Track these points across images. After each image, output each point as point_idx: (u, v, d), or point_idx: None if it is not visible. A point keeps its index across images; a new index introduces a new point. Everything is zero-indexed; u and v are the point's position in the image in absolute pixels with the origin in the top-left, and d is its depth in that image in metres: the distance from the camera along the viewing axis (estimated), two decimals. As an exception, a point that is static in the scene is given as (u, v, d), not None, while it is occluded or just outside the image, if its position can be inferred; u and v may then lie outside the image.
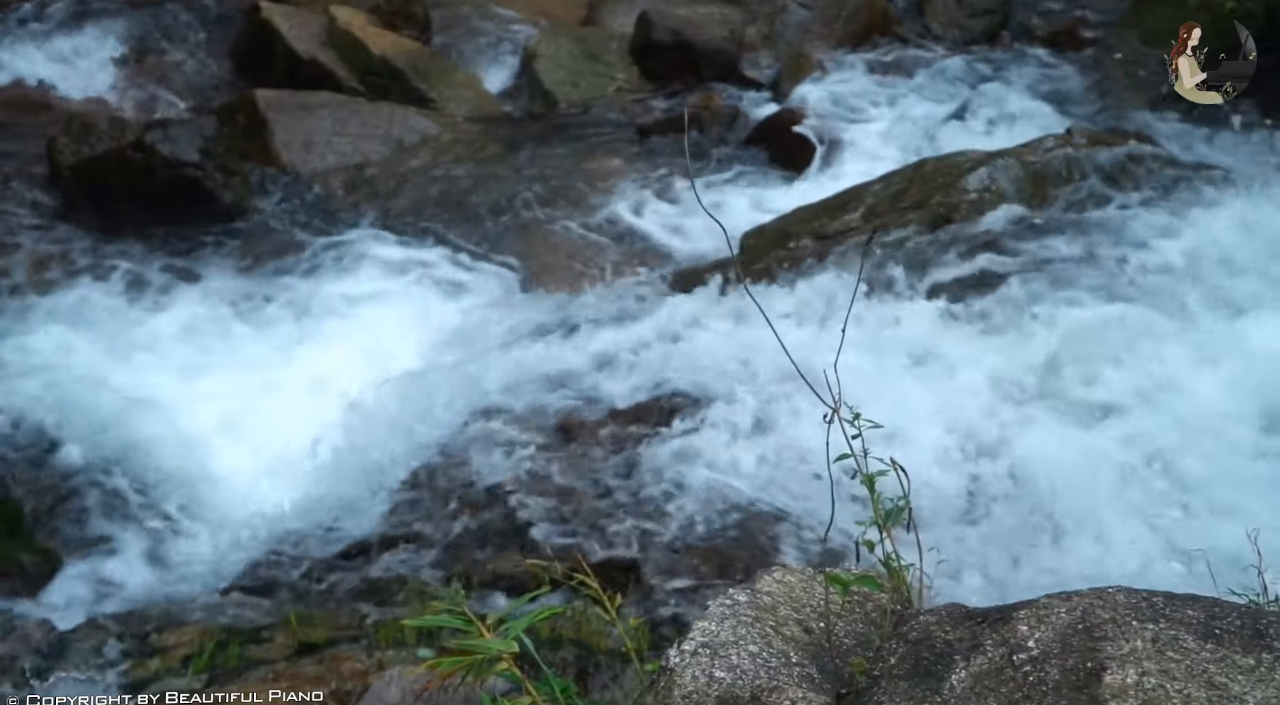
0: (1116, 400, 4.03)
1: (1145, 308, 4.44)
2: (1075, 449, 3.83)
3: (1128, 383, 4.09)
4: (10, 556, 4.14)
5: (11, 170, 6.49)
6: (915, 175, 5.55)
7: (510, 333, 5.27)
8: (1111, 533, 3.53)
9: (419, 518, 4.20)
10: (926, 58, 8.20)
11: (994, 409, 4.10)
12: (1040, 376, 4.18)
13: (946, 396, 4.16)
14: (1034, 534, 3.59)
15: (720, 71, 8.15)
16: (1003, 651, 1.59)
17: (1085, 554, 3.44)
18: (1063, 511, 3.60)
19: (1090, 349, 4.24)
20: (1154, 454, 3.83)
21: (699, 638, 1.86)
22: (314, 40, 7.88)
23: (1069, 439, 3.91)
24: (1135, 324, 4.34)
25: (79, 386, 5.11)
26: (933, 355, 4.36)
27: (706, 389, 4.46)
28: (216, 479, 4.71)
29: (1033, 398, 4.11)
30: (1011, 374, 4.23)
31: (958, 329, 4.47)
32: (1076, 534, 3.52)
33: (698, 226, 6.37)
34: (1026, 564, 3.50)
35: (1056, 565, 3.44)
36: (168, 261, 5.99)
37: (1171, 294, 4.52)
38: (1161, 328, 4.34)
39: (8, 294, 5.67)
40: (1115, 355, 4.20)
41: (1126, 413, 3.98)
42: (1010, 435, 3.97)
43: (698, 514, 3.93)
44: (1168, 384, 4.09)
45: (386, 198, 6.63)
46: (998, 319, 4.47)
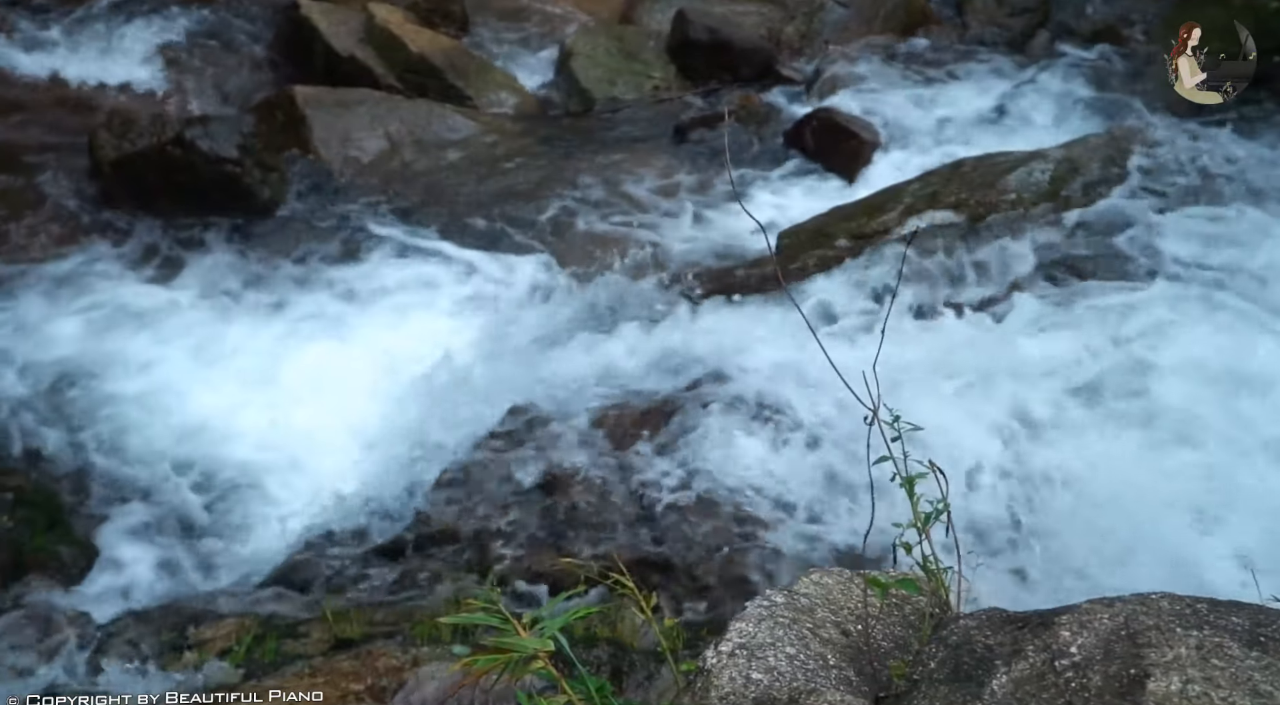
0: (1159, 404, 3.98)
1: (1190, 311, 4.39)
2: (1118, 453, 3.79)
3: (1172, 387, 4.04)
4: (49, 549, 4.18)
5: (54, 165, 6.55)
6: (953, 175, 5.51)
7: (545, 330, 5.27)
8: (1154, 538, 3.49)
9: (453, 515, 4.21)
10: (965, 56, 8.14)
11: (1034, 411, 4.06)
12: (1082, 379, 4.14)
13: (985, 398, 4.12)
14: (1074, 538, 3.55)
15: (757, 70, 8.13)
16: (1044, 657, 1.57)
17: (1126, 559, 3.40)
18: (1104, 516, 3.56)
19: (1133, 352, 4.19)
20: (1199, 459, 3.78)
21: (736, 639, 1.85)
22: (352, 37, 7.91)
23: (1111, 443, 3.86)
24: (1179, 327, 4.29)
25: (117, 380, 5.16)
26: (971, 356, 4.32)
27: (743, 389, 4.44)
28: (253, 473, 4.74)
29: (1074, 401, 4.06)
30: (1053, 376, 4.19)
31: (996, 330, 4.43)
32: (1118, 539, 3.48)
33: (734, 225, 6.35)
34: (1066, 568, 3.46)
35: (1096, 570, 3.40)
36: (205, 257, 6.02)
37: (1217, 298, 4.46)
38: (1207, 331, 4.29)
39: (47, 288, 5.72)
40: (1159, 359, 4.16)
41: (1170, 417, 3.93)
42: (1050, 438, 3.93)
43: (733, 514, 3.92)
44: (1213, 388, 4.04)
45: (423, 195, 6.65)
46: (1037, 321, 4.43)
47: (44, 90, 7.39)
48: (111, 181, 6.34)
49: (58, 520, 4.35)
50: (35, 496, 4.38)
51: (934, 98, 7.55)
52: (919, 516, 2.04)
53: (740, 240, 6.17)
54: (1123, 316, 4.37)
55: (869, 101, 7.53)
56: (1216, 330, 4.29)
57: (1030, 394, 4.12)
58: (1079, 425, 3.96)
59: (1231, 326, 4.33)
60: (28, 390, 5.06)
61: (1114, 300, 4.47)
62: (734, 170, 6.86)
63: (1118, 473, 3.72)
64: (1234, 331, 4.33)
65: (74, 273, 5.85)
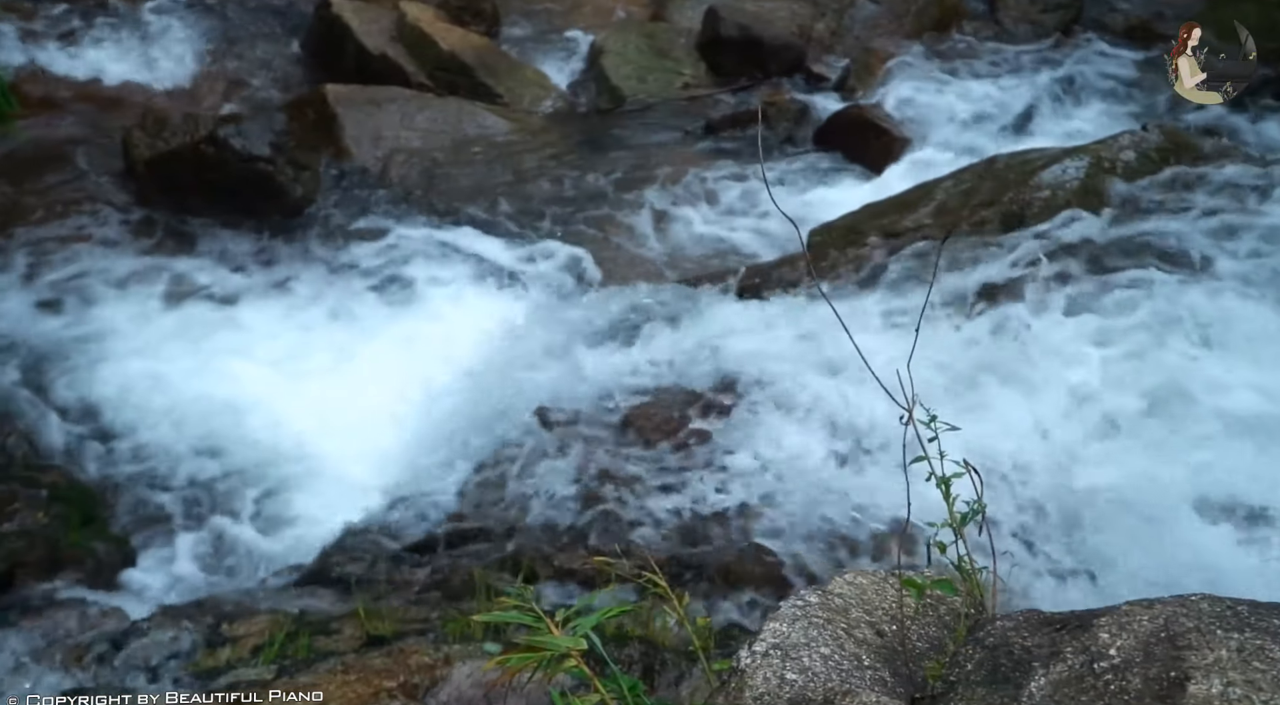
0: (1201, 405, 3.93)
1: (1233, 311, 4.32)
2: (1157, 455, 3.74)
3: (1214, 388, 3.99)
4: (84, 544, 4.21)
5: (88, 163, 6.61)
6: (986, 172, 5.48)
7: (576, 327, 5.27)
8: (1193, 540, 3.45)
9: (485, 512, 4.21)
10: (997, 53, 8.11)
11: (1069, 411, 4.02)
12: (1118, 378, 4.10)
13: (1018, 397, 4.09)
14: (1110, 539, 3.51)
15: (788, 67, 8.12)
16: (1083, 659, 1.56)
17: (1164, 561, 3.35)
18: (1141, 517, 3.52)
19: (1172, 351, 4.15)
20: (1242, 462, 3.73)
21: (770, 639, 1.85)
22: (383, 36, 7.94)
23: (1151, 444, 3.81)
24: (1221, 327, 4.24)
25: (152, 377, 5.20)
26: (1005, 356, 4.28)
27: (774, 387, 4.43)
28: (285, 470, 4.76)
29: (1111, 400, 4.02)
30: (1089, 376, 4.14)
31: (1029, 329, 4.39)
32: (1155, 540, 3.44)
33: (764, 223, 6.35)
34: (1102, 570, 3.43)
35: (1133, 572, 3.36)
36: (238, 254, 6.06)
37: (1261, 297, 4.40)
38: (1246, 329, 4.24)
39: (82, 285, 5.77)
40: (1198, 358, 4.11)
41: (1211, 417, 3.88)
42: (1086, 439, 3.89)
43: (764, 513, 3.90)
44: (1256, 388, 3.98)
45: (454, 192, 6.67)
46: (1072, 320, 4.38)
47: (79, 89, 7.46)
48: (145, 180, 6.38)
49: (93, 516, 4.38)
50: (70, 493, 4.41)
51: (966, 94, 7.51)
52: (955, 517, 2.03)
53: (771, 237, 6.16)
54: (1161, 317, 4.31)
55: (900, 98, 7.51)
56: (1261, 331, 4.23)
57: (1065, 394, 4.08)
58: (1116, 425, 3.91)
59: (1277, 327, 4.27)
60: (63, 386, 5.10)
61: (1152, 300, 4.41)
62: (766, 167, 6.84)
63: (1156, 474, 3.67)
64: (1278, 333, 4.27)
65: (108, 270, 5.89)
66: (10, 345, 5.27)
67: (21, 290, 5.66)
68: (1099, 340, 4.28)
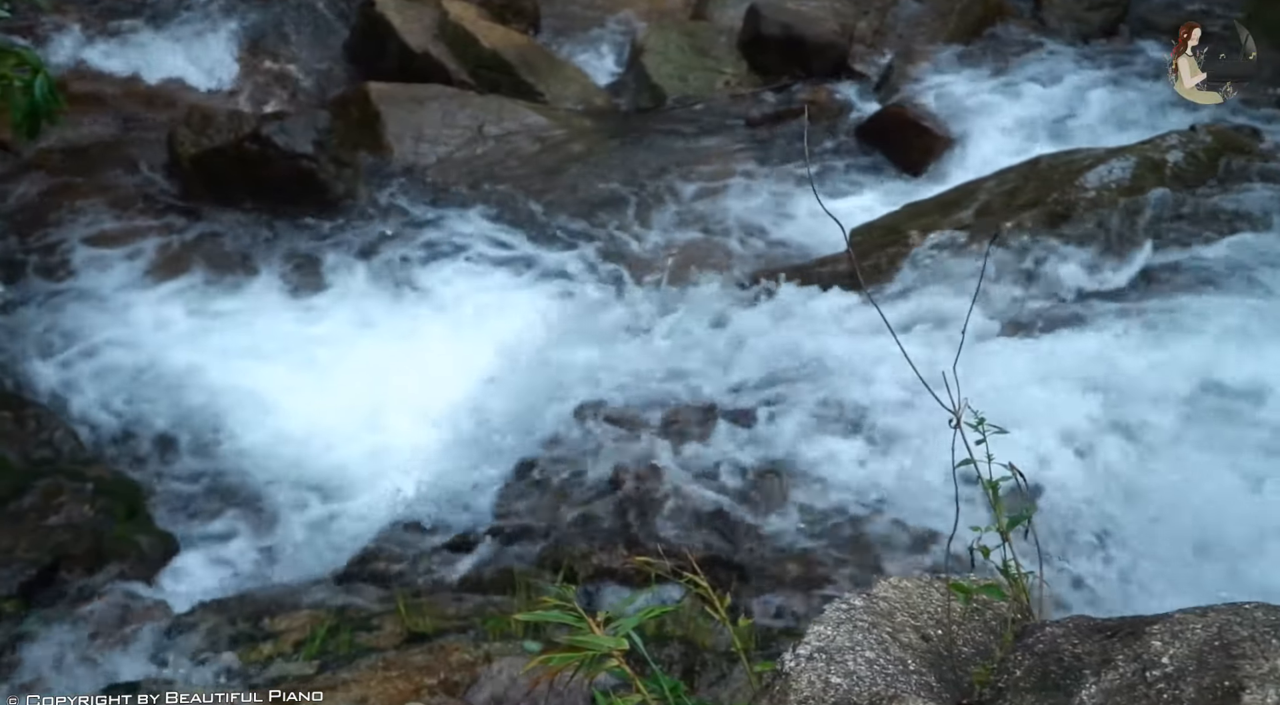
0: (1252, 411, 3.88)
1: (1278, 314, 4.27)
2: (1208, 461, 3.69)
3: (1264, 393, 3.93)
4: (129, 538, 4.25)
5: (135, 160, 6.67)
6: (1031, 172, 5.42)
7: (616, 326, 5.27)
8: (1245, 547, 3.40)
9: (525, 510, 4.22)
10: (1042, 52, 8.02)
11: (1117, 416, 3.96)
12: (1164, 384, 4.04)
13: (1065, 401, 4.04)
14: (1158, 546, 3.47)
15: (830, 66, 8.07)
16: (1135, 667, 1.54)
17: (1215, 568, 3.31)
18: (1190, 523, 3.47)
19: (1220, 357, 4.09)
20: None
21: (815, 642, 1.83)
22: (426, 34, 7.96)
23: (1201, 450, 3.76)
24: (1268, 331, 4.18)
25: (193, 372, 5.24)
26: (1049, 359, 4.24)
27: (816, 387, 4.40)
28: (326, 465, 4.78)
29: (1158, 406, 3.96)
30: (1134, 379, 4.09)
31: (1074, 332, 4.35)
32: (1206, 547, 3.39)
33: (805, 221, 6.31)
34: (1150, 576, 3.38)
35: (1183, 579, 3.31)
36: (281, 251, 6.10)
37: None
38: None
39: (128, 280, 5.83)
40: (1247, 364, 4.05)
41: (1263, 421, 3.83)
42: (1134, 444, 3.83)
43: (805, 514, 3.89)
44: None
45: (495, 190, 6.68)
46: (1118, 323, 4.33)
47: (125, 86, 7.53)
48: (191, 176, 6.45)
49: (137, 510, 4.42)
50: (115, 486, 4.45)
51: (1009, 93, 7.44)
52: (1002, 521, 2.01)
53: (812, 236, 6.12)
54: (1209, 321, 4.26)
55: (942, 97, 7.44)
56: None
57: (1111, 398, 4.03)
58: (1164, 431, 3.85)
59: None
60: (108, 380, 5.15)
61: (1200, 304, 4.36)
62: (806, 166, 6.81)
63: (1207, 481, 3.62)
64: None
65: (154, 265, 5.95)
66: (56, 339, 5.34)
67: (68, 284, 5.73)
68: (1145, 344, 4.23)
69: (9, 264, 5.77)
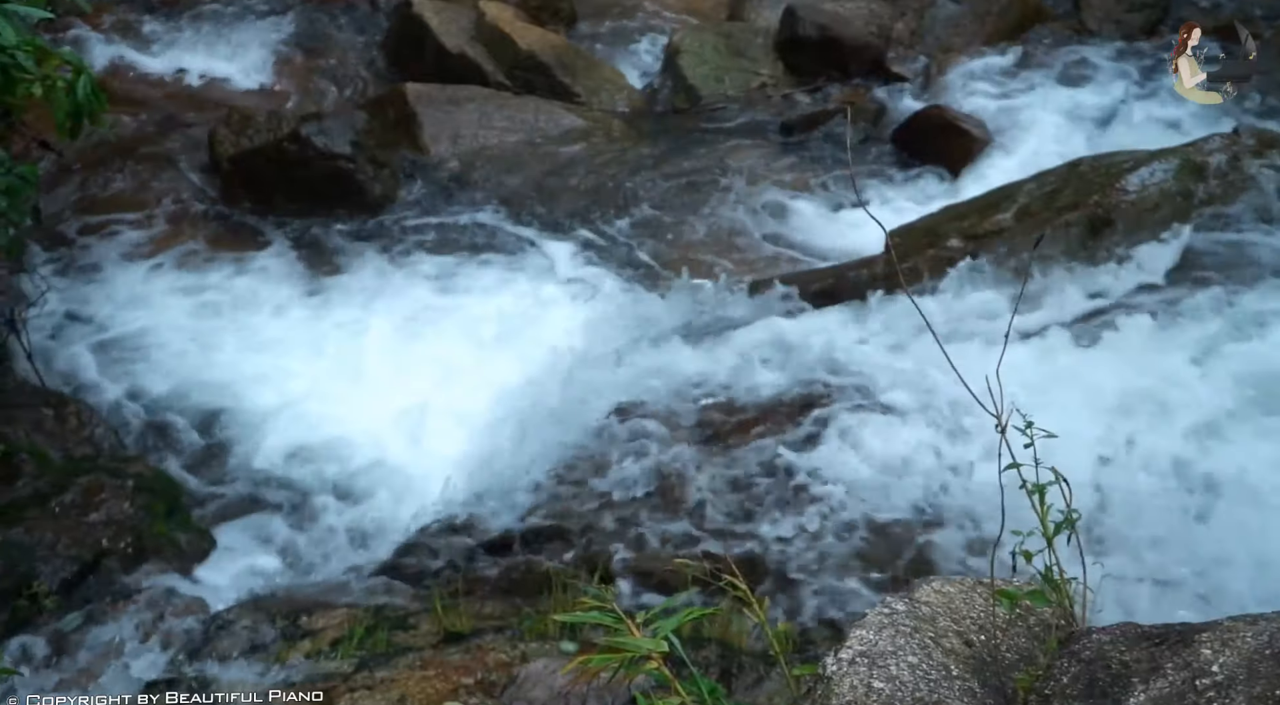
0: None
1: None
2: (1257, 461, 3.64)
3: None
4: (168, 535, 4.28)
5: (175, 160, 6.73)
6: (1070, 174, 5.37)
7: (652, 327, 5.26)
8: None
9: (560, 511, 4.22)
10: (1081, 53, 7.95)
11: (1162, 416, 3.91)
12: (1207, 388, 3.99)
13: (1107, 406, 3.99)
14: (1205, 551, 3.42)
15: (867, 67, 8.03)
16: (1184, 676, 1.52)
17: (1266, 575, 3.26)
18: (1239, 528, 3.42)
19: (1264, 360, 4.03)
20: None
21: (857, 646, 1.82)
22: (463, 35, 7.99)
23: (1248, 449, 3.71)
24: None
25: (232, 370, 5.28)
26: (1090, 363, 4.20)
27: (852, 390, 4.38)
28: (363, 465, 4.81)
29: (1203, 410, 3.91)
30: (1180, 380, 4.04)
31: (1117, 335, 4.30)
32: (1255, 553, 3.35)
33: (841, 224, 6.30)
34: (1196, 583, 3.34)
35: (1232, 585, 3.28)
36: (318, 250, 6.14)
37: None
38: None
39: (167, 279, 5.88)
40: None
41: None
42: (1177, 448, 3.79)
43: (842, 518, 3.86)
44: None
45: (530, 191, 6.69)
46: (1161, 326, 4.28)
47: (165, 86, 7.60)
48: (230, 176, 6.50)
49: (177, 507, 4.45)
50: (155, 483, 4.48)
51: (1048, 95, 7.38)
52: (1047, 526, 1.99)
53: (848, 238, 6.10)
54: (1254, 323, 4.21)
55: (980, 99, 7.39)
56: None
57: (1156, 399, 3.99)
58: (1211, 432, 3.80)
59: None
60: (148, 378, 5.20)
61: (1245, 306, 4.30)
62: (841, 167, 6.79)
63: (1258, 484, 3.58)
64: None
65: (192, 263, 6.01)
66: (97, 336, 5.39)
67: (108, 282, 5.79)
68: (1188, 347, 4.18)
69: (51, 262, 5.83)
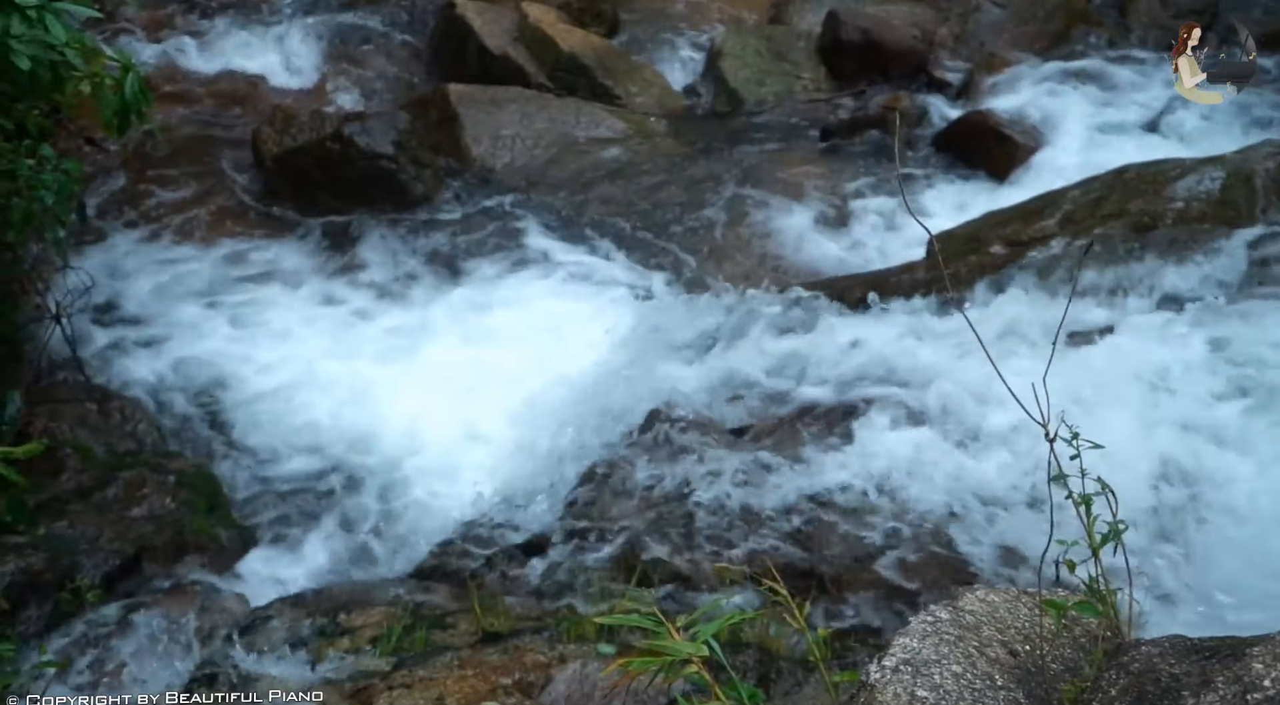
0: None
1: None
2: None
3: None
4: (209, 531, 4.32)
5: (219, 158, 6.80)
6: (1116, 181, 5.31)
7: (692, 330, 5.24)
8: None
9: (598, 513, 4.21)
10: (1126, 59, 7.88)
11: (1212, 425, 3.85)
12: (1260, 399, 3.94)
13: (1154, 416, 3.94)
14: (1256, 562, 3.38)
15: (909, 72, 7.99)
16: (1235, 690, 1.50)
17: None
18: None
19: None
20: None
21: (900, 654, 1.82)
22: (505, 36, 8.01)
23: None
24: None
25: (274, 368, 5.32)
26: (1139, 372, 4.14)
27: (893, 397, 4.35)
28: (401, 464, 4.83)
29: (1253, 421, 3.85)
30: (1227, 395, 3.99)
31: (1164, 344, 4.24)
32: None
33: (882, 229, 6.27)
34: (1244, 595, 3.29)
35: (1272, 599, 3.23)
36: (361, 250, 6.17)
37: None
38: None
39: (210, 276, 5.93)
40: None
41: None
42: (1226, 460, 3.73)
43: (884, 523, 3.84)
44: None
45: (571, 193, 6.70)
46: (1210, 336, 4.21)
47: (210, 85, 7.66)
48: (273, 175, 6.55)
49: (217, 503, 4.49)
50: (196, 479, 4.53)
51: (1092, 101, 7.32)
52: (1094, 537, 1.97)
53: (889, 244, 6.08)
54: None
55: (1024, 104, 7.33)
56: None
57: (1206, 408, 3.93)
58: (1264, 441, 3.75)
59: None
60: (190, 375, 5.24)
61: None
62: (883, 172, 6.76)
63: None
64: None
65: (234, 262, 6.06)
66: (141, 332, 5.44)
67: (152, 277, 5.85)
68: (1236, 358, 4.12)
69: (96, 257, 5.88)
